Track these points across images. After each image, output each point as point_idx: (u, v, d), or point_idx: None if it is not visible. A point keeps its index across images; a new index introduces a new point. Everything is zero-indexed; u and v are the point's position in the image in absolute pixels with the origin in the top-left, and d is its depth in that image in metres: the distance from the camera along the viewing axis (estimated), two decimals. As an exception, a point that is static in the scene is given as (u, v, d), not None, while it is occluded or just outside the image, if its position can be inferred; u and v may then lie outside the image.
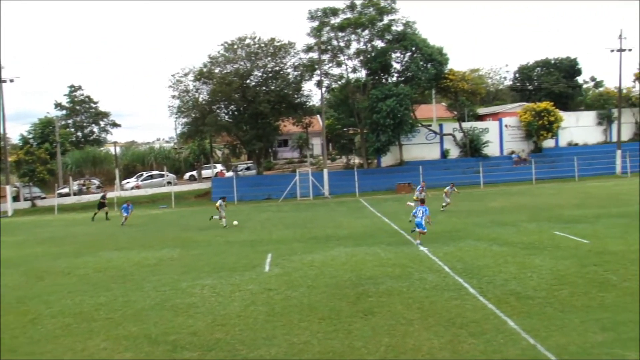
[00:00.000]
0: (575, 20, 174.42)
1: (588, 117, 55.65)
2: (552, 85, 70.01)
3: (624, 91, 53.09)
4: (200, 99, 48.96)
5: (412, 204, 26.46)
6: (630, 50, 48.21)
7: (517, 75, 79.71)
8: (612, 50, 48.41)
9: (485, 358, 10.68)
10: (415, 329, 12.21)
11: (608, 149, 51.63)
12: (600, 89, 74.43)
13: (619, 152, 48.21)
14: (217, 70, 48.16)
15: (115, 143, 66.41)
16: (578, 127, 54.51)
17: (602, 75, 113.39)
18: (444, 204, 30.65)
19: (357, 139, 51.34)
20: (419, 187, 30.93)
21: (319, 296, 14.90)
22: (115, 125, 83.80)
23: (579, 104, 70.07)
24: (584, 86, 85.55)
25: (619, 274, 16.01)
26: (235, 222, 29.53)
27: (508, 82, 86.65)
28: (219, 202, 30.33)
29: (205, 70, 47.69)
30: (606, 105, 55.32)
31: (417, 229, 21.70)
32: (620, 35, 47.59)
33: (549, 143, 52.56)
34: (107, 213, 37.18)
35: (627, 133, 53.57)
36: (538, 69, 75.97)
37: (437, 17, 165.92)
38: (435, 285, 15.44)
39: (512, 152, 50.90)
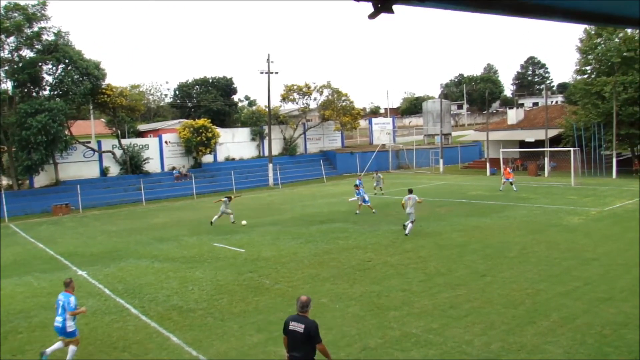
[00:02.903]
0: (231, 42, 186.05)
1: (243, 133, 59.23)
2: (211, 102, 73.18)
3: (273, 109, 58.00)
4: None
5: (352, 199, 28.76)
6: (277, 73, 53.01)
7: (177, 92, 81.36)
8: (262, 72, 52.62)
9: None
10: (72, 361, 11.47)
11: (261, 162, 55.67)
12: (253, 107, 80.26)
13: (270, 166, 52.47)
14: None
15: None
16: (234, 143, 57.70)
17: (255, 95, 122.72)
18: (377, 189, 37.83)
19: (5, 157, 46.38)
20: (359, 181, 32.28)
21: (-47, 343, 12.98)
22: None
23: (235, 121, 74.30)
24: (239, 104, 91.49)
25: (272, 277, 17.42)
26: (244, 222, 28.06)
27: (169, 99, 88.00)
28: (224, 198, 29.27)
29: None
30: (258, 122, 59.47)
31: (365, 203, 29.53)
32: (268, 59, 52.00)
33: (208, 158, 54.49)
34: None
35: (277, 148, 58.54)
36: (197, 86, 78.61)
37: (96, 30, 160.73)
38: (95, 311, 14.76)
39: (173, 168, 51.50)
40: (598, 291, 14.37)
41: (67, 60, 43.29)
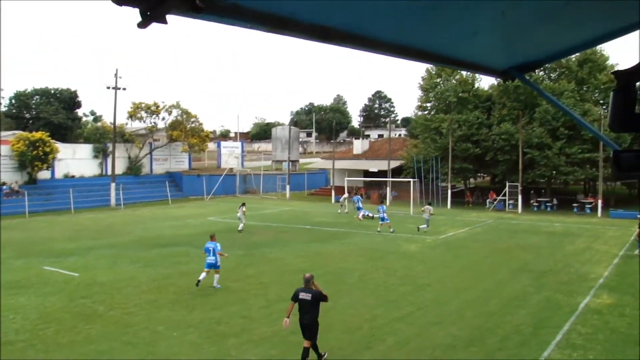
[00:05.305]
0: (77, 53, 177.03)
1: (85, 150, 56.15)
2: (52, 115, 68.78)
3: (119, 127, 55.64)
4: None
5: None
6: (124, 89, 51.07)
7: (13, 101, 75.60)
8: (109, 87, 50.44)
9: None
10: None
11: (104, 181, 52.93)
12: (98, 123, 76.48)
13: (113, 185, 50.09)
14: None
15: None
16: (75, 159, 54.48)
17: (101, 110, 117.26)
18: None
19: None
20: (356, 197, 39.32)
21: None
22: None
23: (78, 136, 70.40)
24: (84, 119, 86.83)
25: (106, 303, 16.47)
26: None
27: (3, 108, 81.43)
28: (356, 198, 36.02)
29: None
30: (103, 139, 56.78)
31: (384, 222, 30.62)
32: (116, 74, 49.98)
33: (44, 174, 50.91)
34: None
35: (121, 167, 56.16)
36: (37, 97, 73.62)
37: None
38: None
39: (4, 184, 47.48)
40: (430, 315, 15.11)
41: None
